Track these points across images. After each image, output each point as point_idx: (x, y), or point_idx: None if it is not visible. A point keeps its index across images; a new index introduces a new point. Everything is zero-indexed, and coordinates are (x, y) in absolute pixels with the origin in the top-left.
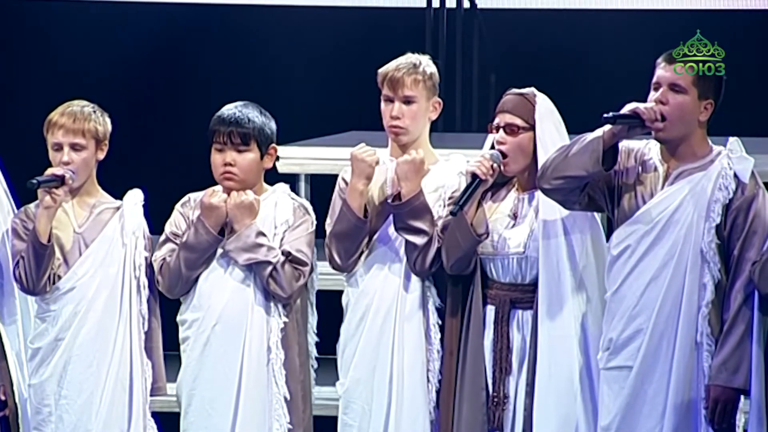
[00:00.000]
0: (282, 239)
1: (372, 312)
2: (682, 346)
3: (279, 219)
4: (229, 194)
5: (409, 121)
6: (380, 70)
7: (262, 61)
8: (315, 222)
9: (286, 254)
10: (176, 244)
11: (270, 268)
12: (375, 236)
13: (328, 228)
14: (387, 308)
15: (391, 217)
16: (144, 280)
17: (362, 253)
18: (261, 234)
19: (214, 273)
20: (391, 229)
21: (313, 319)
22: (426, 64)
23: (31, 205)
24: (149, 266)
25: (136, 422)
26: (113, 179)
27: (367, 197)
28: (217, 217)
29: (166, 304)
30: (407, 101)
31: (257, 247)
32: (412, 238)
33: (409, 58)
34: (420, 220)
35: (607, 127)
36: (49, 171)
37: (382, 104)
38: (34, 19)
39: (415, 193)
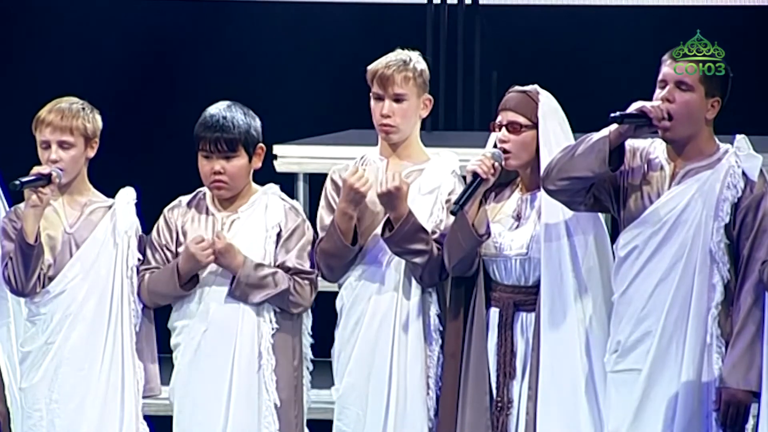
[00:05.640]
0: (276, 243)
1: (367, 317)
2: (692, 348)
3: (270, 222)
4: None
5: (399, 119)
6: (369, 68)
7: (259, 59)
8: (308, 222)
9: (291, 269)
10: (158, 251)
11: (287, 296)
12: (370, 238)
13: (321, 232)
14: (383, 313)
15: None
16: (136, 281)
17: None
18: (258, 266)
19: (204, 278)
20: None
21: (308, 321)
22: (416, 60)
23: (21, 205)
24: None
25: (128, 425)
26: (105, 177)
27: (355, 220)
28: (193, 268)
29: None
30: (397, 99)
31: (262, 279)
32: (412, 259)
33: (399, 54)
34: (415, 242)
35: (613, 126)
36: (35, 170)
37: (372, 102)
38: (23, 15)
39: (404, 218)
